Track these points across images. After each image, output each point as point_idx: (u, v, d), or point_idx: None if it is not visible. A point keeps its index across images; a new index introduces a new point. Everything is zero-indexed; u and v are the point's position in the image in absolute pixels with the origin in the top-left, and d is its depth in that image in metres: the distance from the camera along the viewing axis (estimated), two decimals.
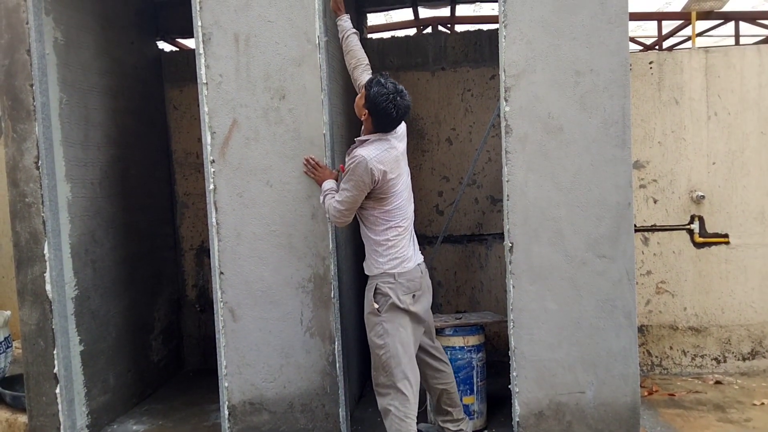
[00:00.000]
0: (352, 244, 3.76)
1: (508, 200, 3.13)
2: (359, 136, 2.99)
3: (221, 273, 3.29)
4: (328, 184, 3.05)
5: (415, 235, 3.06)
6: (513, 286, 3.14)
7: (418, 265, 2.98)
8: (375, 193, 2.84)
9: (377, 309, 2.88)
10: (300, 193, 3.23)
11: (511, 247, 3.13)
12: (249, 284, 3.27)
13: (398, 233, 2.91)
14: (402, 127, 3.01)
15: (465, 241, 4.73)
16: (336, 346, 3.25)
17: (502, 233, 3.26)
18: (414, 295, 2.92)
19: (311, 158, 3.15)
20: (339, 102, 3.66)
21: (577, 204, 3.09)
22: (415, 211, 4.88)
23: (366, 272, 3.01)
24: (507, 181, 3.12)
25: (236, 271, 3.28)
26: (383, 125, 2.87)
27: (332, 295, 3.24)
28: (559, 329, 3.13)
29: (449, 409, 3.21)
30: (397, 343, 2.87)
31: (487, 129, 3.98)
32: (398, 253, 2.90)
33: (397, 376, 2.87)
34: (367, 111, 2.86)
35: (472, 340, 3.44)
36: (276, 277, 3.26)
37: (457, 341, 3.43)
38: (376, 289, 2.89)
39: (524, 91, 3.09)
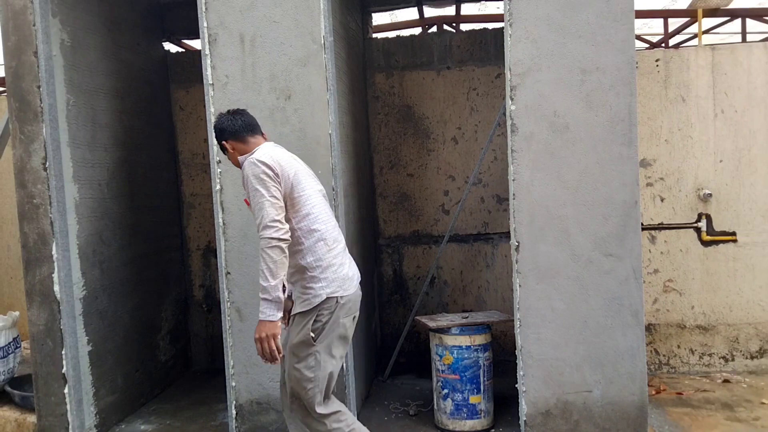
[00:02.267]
0: (358, 245, 3.76)
1: (514, 199, 3.12)
2: (364, 136, 2.98)
3: (228, 273, 3.29)
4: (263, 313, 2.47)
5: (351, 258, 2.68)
6: (519, 285, 3.13)
7: (358, 287, 2.62)
8: (286, 195, 2.47)
9: (312, 338, 2.46)
10: None
11: (518, 246, 3.13)
12: (255, 284, 3.26)
13: (329, 248, 2.51)
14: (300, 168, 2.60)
15: (471, 241, 4.72)
16: None
17: (509, 232, 3.25)
18: (354, 317, 2.61)
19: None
20: (344, 102, 3.66)
21: (583, 203, 3.08)
22: (421, 210, 4.88)
23: (300, 309, 2.50)
24: (513, 180, 3.12)
25: (243, 271, 3.28)
26: (242, 131, 2.61)
27: None
28: (566, 328, 3.12)
29: None
30: (325, 376, 2.50)
31: (493, 128, 3.97)
32: (336, 273, 2.50)
33: (319, 403, 2.50)
34: (228, 143, 2.62)
35: (479, 339, 3.44)
36: None
37: (464, 340, 3.43)
38: (316, 317, 2.47)
39: (530, 90, 3.08)
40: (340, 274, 2.52)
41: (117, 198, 3.92)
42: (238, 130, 2.62)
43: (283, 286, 2.41)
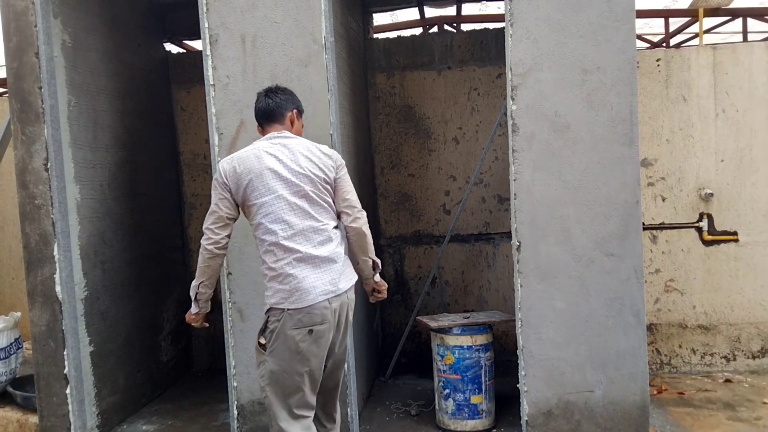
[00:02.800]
0: None
1: (515, 199, 3.12)
2: (365, 136, 2.98)
3: (229, 273, 3.29)
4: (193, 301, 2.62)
5: (333, 264, 2.46)
6: (521, 285, 3.13)
7: (327, 299, 2.40)
8: (240, 203, 2.47)
9: (261, 344, 2.42)
10: None
11: (519, 246, 3.12)
12: (257, 284, 3.27)
13: (277, 258, 2.39)
14: (299, 146, 2.53)
15: (472, 241, 4.72)
16: (347, 341, 3.24)
17: (510, 232, 3.25)
18: (311, 330, 2.37)
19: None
20: (345, 102, 3.66)
21: (584, 202, 3.08)
22: (422, 210, 4.87)
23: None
24: (514, 180, 3.11)
25: (244, 272, 3.28)
26: (258, 116, 2.62)
27: None
28: (567, 328, 3.11)
29: None
30: (275, 392, 2.40)
31: (494, 128, 3.97)
32: (283, 283, 2.37)
33: (274, 427, 2.42)
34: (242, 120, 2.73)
35: (480, 340, 3.44)
36: None
37: (465, 340, 3.42)
38: (266, 324, 2.42)
39: (531, 90, 3.08)
40: (289, 285, 2.36)
41: (118, 198, 3.93)
42: (256, 114, 2.63)
43: (205, 290, 2.57)
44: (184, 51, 5.13)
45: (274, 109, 2.59)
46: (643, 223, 4.13)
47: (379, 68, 4.76)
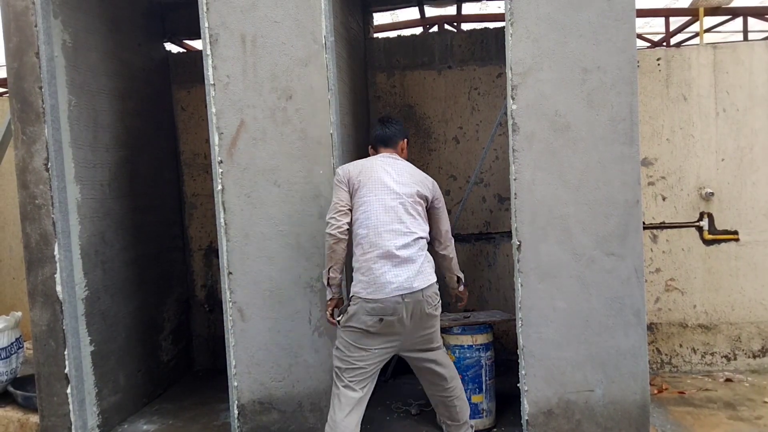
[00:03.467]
0: None
1: (515, 198, 3.12)
2: (365, 136, 3.02)
3: (230, 273, 3.30)
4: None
5: (411, 265, 2.78)
6: (521, 285, 3.13)
7: (401, 295, 2.73)
8: (351, 194, 2.91)
9: (338, 322, 2.86)
10: (307, 193, 3.24)
11: (519, 245, 3.12)
12: (257, 284, 3.28)
13: (363, 252, 2.78)
14: (403, 168, 2.98)
15: (473, 240, 4.72)
16: None
17: (510, 232, 3.25)
18: (382, 319, 2.74)
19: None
20: (346, 102, 3.66)
21: (585, 202, 3.08)
22: None
23: None
24: (514, 180, 3.11)
25: (245, 271, 3.28)
26: (373, 141, 3.12)
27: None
28: (567, 327, 3.11)
29: (448, 422, 3.11)
30: (340, 361, 2.82)
31: (494, 127, 3.97)
32: (365, 275, 2.76)
33: (338, 384, 2.82)
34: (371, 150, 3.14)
35: (481, 339, 3.44)
36: (284, 277, 3.27)
37: (466, 340, 3.42)
38: (347, 306, 2.83)
39: (531, 89, 3.08)
40: (369, 278, 2.76)
41: (119, 198, 3.93)
42: (374, 139, 3.11)
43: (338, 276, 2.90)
44: (185, 51, 5.13)
45: (390, 137, 3.08)
46: (644, 223, 4.14)
47: (379, 68, 4.76)
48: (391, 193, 2.86)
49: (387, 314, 2.73)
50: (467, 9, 5.56)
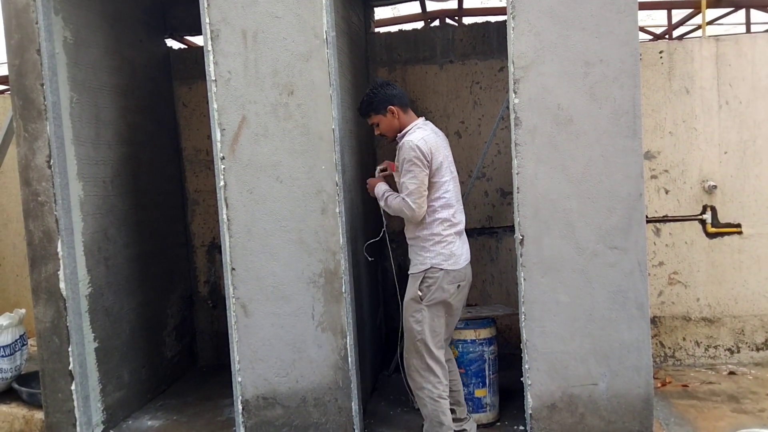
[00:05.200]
0: (363, 239, 3.76)
1: (518, 193, 3.11)
2: (367, 131, 3.01)
3: (233, 269, 3.30)
4: (381, 188, 3.18)
5: (465, 236, 3.18)
6: (524, 279, 3.13)
7: (467, 263, 3.13)
8: (429, 175, 2.99)
9: (419, 296, 3.02)
10: (309, 189, 3.24)
11: (522, 239, 3.12)
12: (260, 280, 3.28)
13: (443, 228, 3.01)
14: (440, 132, 3.18)
15: (475, 235, 4.71)
16: (348, 341, 3.26)
17: (513, 226, 3.25)
18: (459, 285, 3.06)
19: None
20: (347, 97, 3.65)
21: (588, 195, 3.07)
22: None
23: (411, 271, 3.10)
24: (517, 174, 3.11)
25: (247, 267, 3.29)
26: (403, 101, 3.13)
27: (343, 290, 3.24)
28: (571, 321, 3.11)
29: (453, 407, 3.20)
30: (430, 329, 3.03)
31: (497, 121, 3.96)
32: (447, 248, 3.02)
33: (429, 359, 3.03)
34: (395, 107, 3.09)
35: (484, 333, 3.44)
36: (287, 273, 3.27)
37: (469, 334, 3.43)
38: (424, 278, 3.02)
39: (533, 83, 3.07)
40: (449, 251, 3.02)
41: (121, 195, 3.93)
42: (401, 98, 3.13)
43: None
44: (186, 47, 5.12)
45: (406, 95, 3.20)
46: (647, 216, 4.13)
47: (380, 62, 4.74)
48: (454, 170, 3.15)
49: (462, 280, 3.08)
50: (468, 3, 5.54)
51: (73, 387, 3.41)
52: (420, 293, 3.02)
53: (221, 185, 3.28)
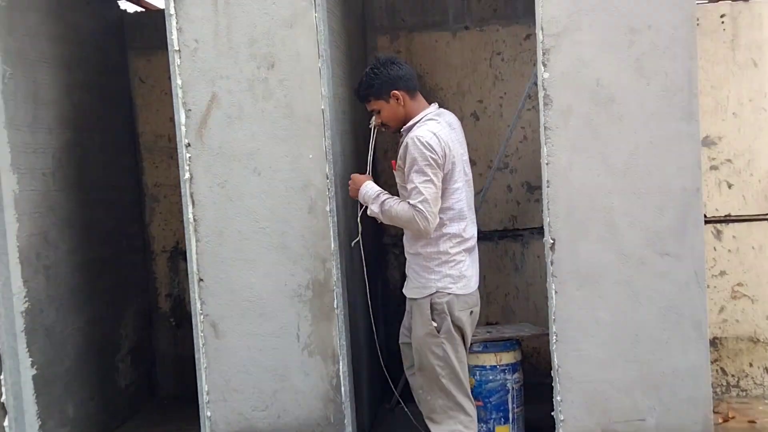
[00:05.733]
0: (358, 245, 3.76)
1: (548, 187, 3.11)
2: (364, 113, 3.01)
3: (200, 280, 3.30)
4: (373, 188, 3.12)
5: (477, 253, 3.21)
6: (555, 292, 3.13)
7: (477, 285, 3.17)
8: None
9: (436, 328, 3.02)
10: (295, 182, 3.24)
11: (553, 244, 3.12)
12: (234, 293, 3.28)
13: (452, 245, 3.02)
14: (457, 123, 3.21)
15: (496, 238, 4.71)
16: (340, 367, 3.26)
17: (542, 227, 3.24)
18: (471, 312, 3.11)
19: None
20: (340, 71, 3.65)
21: (633, 191, 3.07)
22: None
23: (409, 295, 3.13)
24: (547, 164, 3.11)
25: (218, 278, 3.29)
26: (411, 83, 3.11)
27: (335, 305, 3.24)
28: (612, 343, 3.11)
29: None
30: (456, 362, 3.05)
31: (522, 101, 3.96)
32: (456, 269, 3.03)
33: (459, 396, 3.05)
34: (400, 92, 3.06)
35: (506, 358, 3.44)
36: (267, 284, 3.27)
37: (488, 359, 3.43)
38: (432, 306, 3.02)
39: (567, 54, 3.07)
40: (458, 272, 3.03)
41: (65, 190, 3.93)
42: (409, 80, 3.10)
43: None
44: (143, 10, 5.12)
45: (416, 76, 3.19)
46: (705, 216, 4.12)
47: (380, 29, 4.75)
48: (467, 173, 3.16)
49: (474, 304, 3.14)
50: None
51: (6, 423, 3.41)
52: (435, 324, 3.01)
53: (186, 178, 3.28)
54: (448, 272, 3.01)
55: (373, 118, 3.24)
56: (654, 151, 3.06)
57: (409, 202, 2.92)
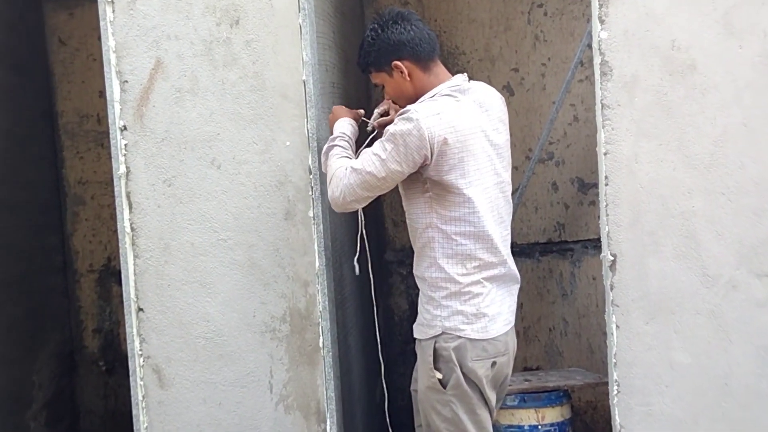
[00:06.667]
0: (352, 263, 3.76)
1: (607, 185, 3.11)
2: (359, 85, 3.01)
3: (140, 309, 3.30)
4: (342, 126, 3.14)
5: (513, 287, 3.14)
6: (617, 326, 3.13)
7: (509, 327, 3.07)
8: (435, 177, 2.89)
9: (440, 382, 2.94)
10: (266, 178, 3.24)
11: (614, 261, 3.12)
12: (185, 327, 3.28)
13: (467, 271, 2.95)
14: (494, 101, 3.15)
15: (537, 254, 4.71)
16: (327, 427, 3.25)
17: (598, 239, 3.24)
18: (494, 363, 2.99)
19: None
20: (328, 29, 3.65)
21: (721, 190, 3.07)
22: None
23: (414, 333, 3.08)
24: (605, 154, 3.11)
25: (164, 306, 3.29)
26: (430, 51, 3.04)
27: (320, 344, 3.24)
28: (694, 395, 3.11)
29: None
30: (472, 428, 2.95)
31: (572, 68, 3.97)
32: (472, 304, 2.94)
33: None
34: (405, 63, 3.00)
35: (551, 415, 3.44)
36: (229, 315, 3.27)
37: (527, 416, 3.43)
38: (436, 351, 2.95)
39: (631, 6, 3.07)
40: (475, 308, 2.93)
41: None
42: (425, 49, 3.02)
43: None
44: None
45: (435, 38, 3.09)
46: None
47: None
48: (495, 175, 3.04)
49: (500, 352, 3.01)
50: None
51: None
52: (440, 376, 2.94)
53: (122, 173, 3.29)
54: (460, 308, 2.93)
55: (372, 118, 3.26)
56: (749, 137, 3.06)
57: (349, 165, 2.92)
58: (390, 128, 2.87)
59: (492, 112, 3.06)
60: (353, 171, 2.88)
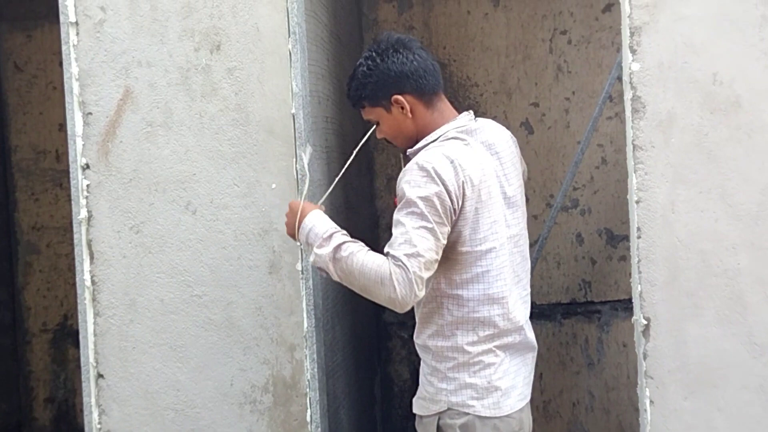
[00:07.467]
0: (344, 322, 3.75)
1: (639, 238, 3.12)
2: (357, 119, 3.02)
3: (100, 376, 3.29)
4: (316, 221, 2.90)
5: (529, 356, 3.12)
6: (651, 402, 3.12)
7: (524, 403, 3.03)
8: (448, 236, 2.84)
9: None
10: (248, 226, 3.24)
11: (647, 326, 3.12)
12: (152, 397, 3.27)
13: (478, 338, 2.91)
14: (504, 141, 3.11)
15: (558, 315, 4.71)
16: None
17: (629, 301, 3.24)
18: None
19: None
20: (322, 56, 3.68)
21: None
22: None
23: (416, 410, 3.04)
24: (637, 203, 3.12)
25: (127, 372, 3.28)
26: (435, 85, 3.01)
27: (308, 418, 3.23)
28: None
29: None
30: None
31: (599, 105, 3.99)
32: (483, 376, 2.91)
33: None
34: (407, 98, 2.95)
35: None
36: (202, 384, 3.26)
37: None
38: (439, 430, 2.93)
39: (667, 35, 3.10)
40: (485, 379, 2.89)
41: None
42: (430, 82, 2.98)
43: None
44: None
45: (439, 70, 3.05)
46: None
47: None
48: (508, 227, 3.01)
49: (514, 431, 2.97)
50: None
51: None
52: None
53: (83, 217, 3.30)
54: (469, 380, 2.89)
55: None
56: None
57: (388, 253, 2.76)
58: (413, 193, 2.74)
59: (503, 155, 3.03)
60: (407, 258, 2.69)
